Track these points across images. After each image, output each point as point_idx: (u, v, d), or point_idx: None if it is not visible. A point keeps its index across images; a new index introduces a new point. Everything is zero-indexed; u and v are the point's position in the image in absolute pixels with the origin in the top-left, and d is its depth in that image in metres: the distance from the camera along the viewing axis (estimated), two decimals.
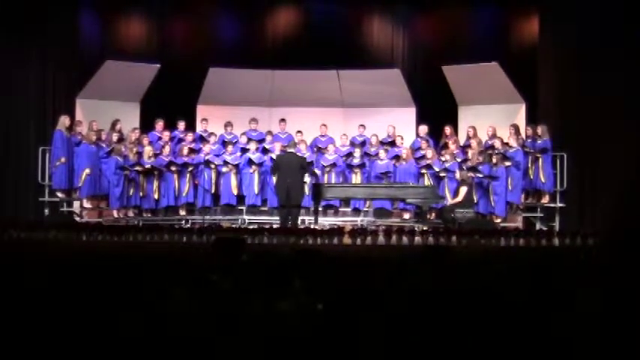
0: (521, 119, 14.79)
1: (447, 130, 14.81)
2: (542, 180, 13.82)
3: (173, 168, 14.23)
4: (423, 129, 14.98)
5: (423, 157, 14.43)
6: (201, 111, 15.90)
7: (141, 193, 14.14)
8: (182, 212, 14.51)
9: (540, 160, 13.81)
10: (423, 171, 14.26)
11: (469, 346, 3.47)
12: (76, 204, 14.36)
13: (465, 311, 3.60)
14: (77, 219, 13.96)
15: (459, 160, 14.14)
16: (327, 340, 3.55)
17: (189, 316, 3.74)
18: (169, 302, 3.90)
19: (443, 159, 14.23)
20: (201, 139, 15.03)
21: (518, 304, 3.65)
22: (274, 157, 14.04)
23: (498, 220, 13.73)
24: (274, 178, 13.62)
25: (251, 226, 13.16)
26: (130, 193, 14.02)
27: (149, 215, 14.29)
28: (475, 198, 13.71)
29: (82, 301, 4.00)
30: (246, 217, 14.49)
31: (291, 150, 13.50)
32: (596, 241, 10.67)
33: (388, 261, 4.94)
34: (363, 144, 15.02)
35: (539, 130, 13.94)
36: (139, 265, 4.92)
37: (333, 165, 14.63)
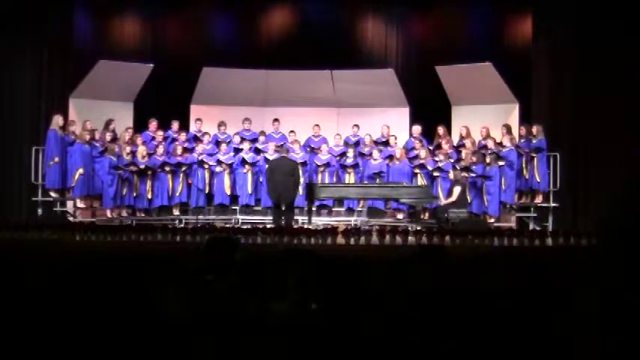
0: (514, 119, 14.83)
1: (440, 130, 14.82)
2: (538, 179, 13.84)
3: (167, 168, 14.21)
4: (417, 129, 15.00)
5: (417, 157, 14.45)
6: (195, 111, 15.92)
7: (134, 193, 14.14)
8: (175, 212, 14.51)
9: (535, 159, 13.84)
10: (417, 171, 14.28)
11: (466, 347, 3.48)
12: (70, 204, 14.35)
13: (462, 311, 3.61)
14: (70, 219, 13.96)
15: (452, 160, 14.16)
16: (322, 339, 3.56)
17: (184, 315, 3.74)
18: (164, 302, 3.90)
19: (436, 159, 14.24)
20: (195, 139, 15.03)
21: (514, 304, 3.66)
22: (268, 157, 14.05)
23: (492, 220, 13.76)
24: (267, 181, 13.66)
25: (244, 226, 13.16)
26: (124, 193, 14.01)
27: (142, 215, 14.29)
28: (469, 198, 13.72)
29: (76, 301, 4.00)
30: (239, 216, 14.49)
31: (284, 154, 13.53)
32: (593, 241, 10.67)
33: (383, 261, 4.94)
34: (356, 144, 15.03)
35: (534, 129, 13.97)
36: (132, 265, 4.91)
37: (327, 165, 14.63)
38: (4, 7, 14.20)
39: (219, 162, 14.40)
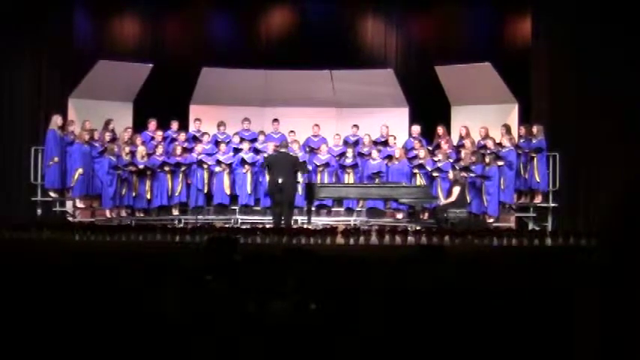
0: (513, 119, 14.82)
1: (440, 130, 14.81)
2: (537, 179, 13.83)
3: (166, 168, 14.20)
4: (416, 129, 14.99)
5: (416, 157, 14.44)
6: (194, 111, 15.91)
7: (134, 193, 14.13)
8: (175, 212, 14.50)
9: (535, 159, 13.83)
10: (416, 171, 14.27)
11: (466, 347, 3.48)
12: (69, 204, 14.34)
13: (462, 311, 3.61)
14: (70, 218, 13.95)
15: (451, 160, 14.15)
16: (322, 339, 3.56)
17: (183, 316, 3.74)
18: (163, 302, 3.89)
19: (436, 159, 14.24)
20: (194, 139, 15.03)
21: (514, 304, 3.66)
22: (265, 155, 14.03)
23: (491, 220, 13.76)
24: (267, 177, 13.64)
25: (244, 226, 13.16)
26: (123, 193, 14.01)
27: (142, 215, 14.28)
28: (468, 198, 13.71)
29: (75, 301, 3.99)
30: (238, 216, 14.48)
31: (284, 150, 13.49)
32: (593, 241, 10.67)
33: (382, 261, 4.94)
34: (356, 144, 15.03)
35: (535, 129, 13.95)
36: (132, 265, 4.91)
37: (326, 165, 14.62)
38: (4, 7, 14.20)
39: (218, 162, 14.39)
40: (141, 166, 14.01)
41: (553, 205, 13.92)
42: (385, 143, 14.94)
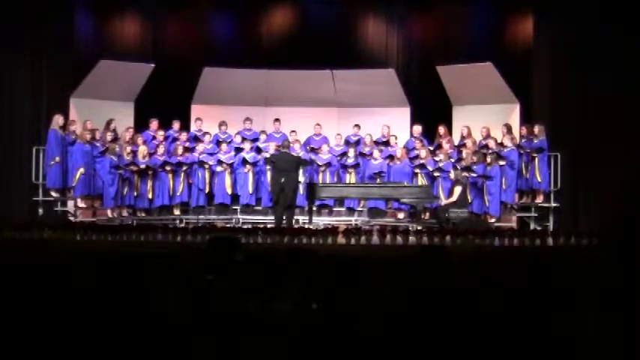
0: (515, 119, 14.81)
1: (441, 129, 14.80)
2: (539, 179, 13.83)
3: (167, 167, 14.21)
4: (417, 129, 14.99)
5: (417, 156, 14.44)
6: (196, 110, 15.91)
7: (135, 193, 14.14)
8: (176, 212, 14.50)
9: (537, 159, 13.83)
10: (417, 171, 14.26)
11: (466, 347, 3.48)
12: (70, 203, 14.35)
13: (462, 311, 3.62)
14: (71, 218, 13.97)
15: (453, 159, 14.15)
16: (322, 339, 3.56)
17: (184, 315, 3.75)
18: (164, 302, 3.90)
19: (437, 159, 14.23)
20: (196, 139, 15.03)
21: (514, 304, 3.67)
22: (267, 155, 14.03)
23: (492, 220, 13.75)
24: (269, 175, 13.65)
25: (245, 226, 13.16)
26: (124, 193, 14.01)
27: (143, 215, 14.28)
28: (469, 198, 13.71)
29: (76, 300, 4.00)
30: (240, 216, 14.49)
31: (285, 150, 13.50)
32: (594, 241, 10.67)
33: (384, 261, 4.95)
34: (357, 143, 15.02)
35: (536, 129, 13.95)
36: (133, 265, 4.92)
37: (328, 164, 14.62)
38: (4, 7, 14.20)
39: (219, 162, 14.39)
40: (142, 166, 14.02)
41: (554, 205, 13.93)
42: (386, 143, 14.93)
